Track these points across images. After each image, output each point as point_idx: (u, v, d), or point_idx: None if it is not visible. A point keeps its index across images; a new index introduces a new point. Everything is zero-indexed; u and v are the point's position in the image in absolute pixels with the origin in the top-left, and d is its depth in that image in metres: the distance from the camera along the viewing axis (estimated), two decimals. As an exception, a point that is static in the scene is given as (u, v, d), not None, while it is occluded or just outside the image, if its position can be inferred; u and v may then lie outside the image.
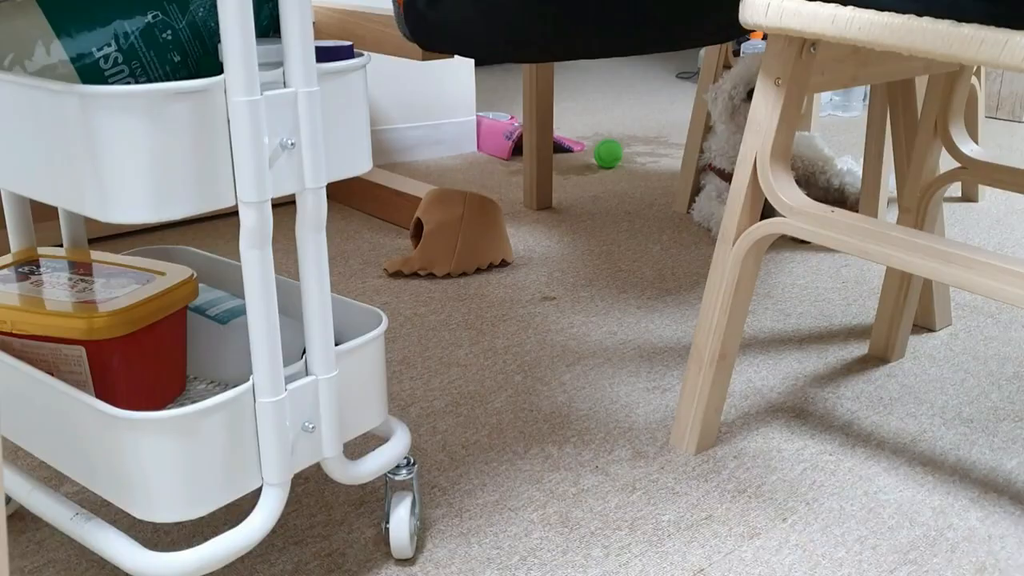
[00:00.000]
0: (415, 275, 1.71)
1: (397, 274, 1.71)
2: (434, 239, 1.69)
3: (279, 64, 0.73)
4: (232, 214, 2.02)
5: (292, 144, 0.73)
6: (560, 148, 2.62)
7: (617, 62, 4.32)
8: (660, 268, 1.75)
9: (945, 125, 1.22)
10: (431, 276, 1.70)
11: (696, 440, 1.14)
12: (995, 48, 0.78)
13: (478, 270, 1.73)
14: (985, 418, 1.23)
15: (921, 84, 1.36)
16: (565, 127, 2.97)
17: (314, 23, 1.95)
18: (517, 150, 2.57)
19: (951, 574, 0.94)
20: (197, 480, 0.76)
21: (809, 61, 0.99)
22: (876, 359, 1.39)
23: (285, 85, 0.73)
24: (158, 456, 0.74)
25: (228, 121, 0.70)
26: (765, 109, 1.00)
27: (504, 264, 1.76)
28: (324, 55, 0.77)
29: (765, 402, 1.27)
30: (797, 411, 1.25)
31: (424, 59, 1.63)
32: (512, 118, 2.65)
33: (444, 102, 2.59)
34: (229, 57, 0.68)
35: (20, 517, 1.01)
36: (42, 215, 1.75)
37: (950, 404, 1.27)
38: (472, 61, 2.62)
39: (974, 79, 2.09)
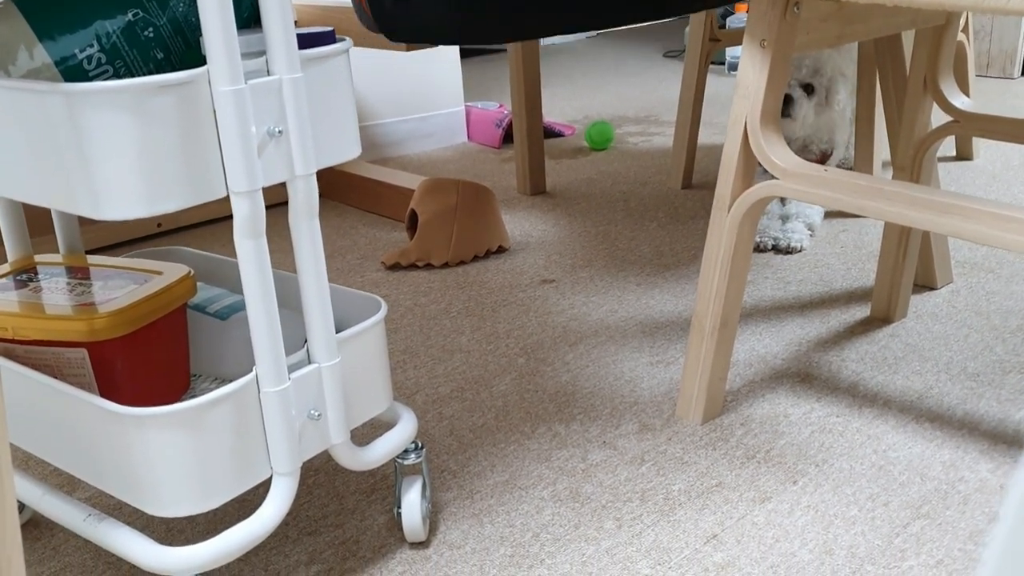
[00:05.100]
0: (413, 266, 1.71)
1: (395, 266, 1.71)
2: (430, 229, 1.69)
3: (262, 53, 0.73)
4: (225, 218, 2.02)
5: (279, 132, 0.73)
6: (551, 133, 2.62)
7: (603, 43, 4.30)
8: (657, 245, 1.75)
9: (935, 80, 1.22)
10: (429, 266, 1.70)
11: (702, 410, 1.13)
12: (978, -7, 0.78)
13: (475, 257, 1.73)
14: (991, 371, 1.23)
15: (908, 41, 1.36)
16: (555, 112, 2.97)
17: (295, 21, 1.95)
18: (508, 138, 2.57)
19: (965, 526, 0.94)
20: (207, 473, 0.76)
21: (794, 21, 0.98)
22: (879, 320, 1.39)
23: (269, 73, 0.73)
24: (166, 451, 0.74)
25: (214, 112, 0.70)
26: (752, 72, 1.00)
27: (501, 250, 1.76)
28: (306, 41, 0.77)
29: (769, 369, 1.27)
30: (802, 376, 1.25)
31: (409, 50, 1.62)
32: (501, 106, 2.65)
33: (432, 94, 2.58)
34: (211, 47, 0.68)
35: (35, 524, 1.01)
36: (36, 229, 1.74)
37: (955, 360, 1.27)
38: (457, 50, 2.62)
39: (962, 36, 2.08)
